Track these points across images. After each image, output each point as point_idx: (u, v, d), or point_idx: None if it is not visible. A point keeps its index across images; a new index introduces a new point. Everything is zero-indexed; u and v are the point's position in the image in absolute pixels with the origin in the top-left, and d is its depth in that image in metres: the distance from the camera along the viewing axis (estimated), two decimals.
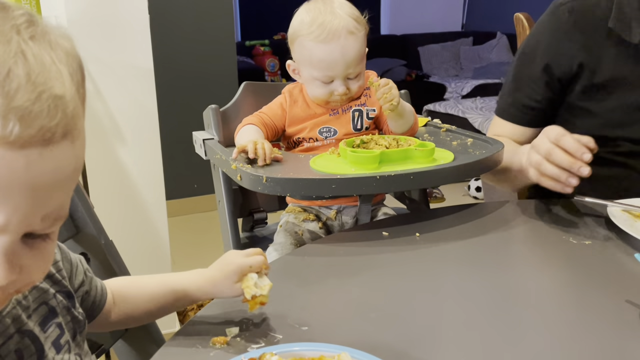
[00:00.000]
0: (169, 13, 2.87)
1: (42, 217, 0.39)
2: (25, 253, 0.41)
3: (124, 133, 1.67)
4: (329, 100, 1.11)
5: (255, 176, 0.88)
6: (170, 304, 0.66)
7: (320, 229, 1.13)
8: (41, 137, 0.36)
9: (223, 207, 1.19)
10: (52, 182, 0.38)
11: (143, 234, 1.75)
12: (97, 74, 1.59)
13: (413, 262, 0.80)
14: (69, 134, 0.38)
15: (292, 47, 1.11)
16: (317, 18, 1.04)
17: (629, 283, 0.72)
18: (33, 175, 0.37)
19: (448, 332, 0.63)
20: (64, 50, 0.40)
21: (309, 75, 1.09)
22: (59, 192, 0.40)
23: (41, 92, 0.36)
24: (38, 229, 0.40)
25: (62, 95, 0.37)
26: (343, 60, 1.04)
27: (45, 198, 0.39)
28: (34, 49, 0.37)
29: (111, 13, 1.58)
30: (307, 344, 0.54)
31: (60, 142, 0.38)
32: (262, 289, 0.61)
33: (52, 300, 0.55)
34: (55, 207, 0.40)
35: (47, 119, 0.36)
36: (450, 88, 4.68)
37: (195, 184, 3.09)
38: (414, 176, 0.88)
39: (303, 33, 1.06)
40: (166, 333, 0.90)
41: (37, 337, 0.52)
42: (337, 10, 1.05)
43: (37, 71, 0.36)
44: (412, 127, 1.13)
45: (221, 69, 3.07)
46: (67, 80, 0.39)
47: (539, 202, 1.03)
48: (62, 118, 0.37)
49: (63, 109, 0.37)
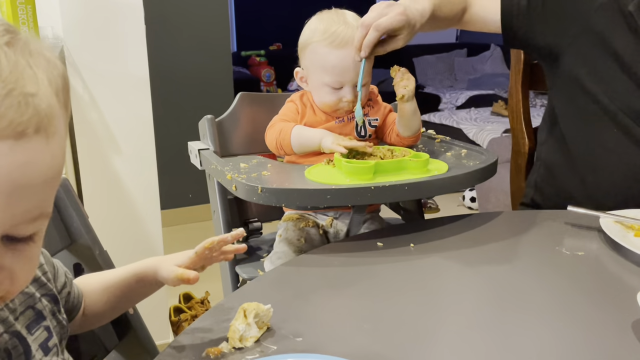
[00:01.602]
0: (165, 23, 2.88)
1: (20, 214, 0.39)
2: (6, 254, 0.41)
3: (119, 143, 1.67)
4: (337, 107, 1.12)
5: (250, 186, 0.88)
6: (134, 289, 0.69)
7: (320, 235, 1.14)
8: (12, 130, 0.37)
9: (218, 217, 1.19)
10: (24, 177, 0.38)
11: (137, 243, 1.75)
12: (93, 84, 1.59)
13: (407, 272, 0.80)
14: (42, 131, 0.39)
15: (303, 54, 1.13)
16: (330, 26, 1.08)
17: (622, 294, 0.72)
18: (4, 169, 0.37)
19: (442, 342, 0.63)
20: (45, 58, 0.41)
21: (319, 81, 1.11)
22: (37, 190, 0.40)
23: (11, 89, 0.37)
24: (18, 228, 0.40)
25: (33, 93, 0.39)
26: (355, 66, 1.07)
27: (20, 194, 0.39)
28: (7, 52, 0.38)
29: (107, 23, 1.58)
30: (301, 354, 0.54)
31: (33, 137, 0.38)
32: (247, 340, 0.60)
33: (38, 304, 0.56)
34: (33, 205, 0.40)
35: (18, 113, 0.37)
36: (445, 99, 4.71)
37: (190, 194, 3.09)
38: (409, 187, 0.89)
39: (316, 40, 1.09)
40: (160, 344, 0.90)
41: (24, 338, 0.52)
42: (350, 21, 1.09)
43: (8, 71, 0.38)
44: (418, 133, 1.15)
45: (217, 79, 3.07)
46: (43, 83, 0.40)
47: (532, 213, 1.04)
48: (33, 114, 0.38)
49: (34, 105, 0.38)
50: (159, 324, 1.74)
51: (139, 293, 0.71)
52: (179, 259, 0.67)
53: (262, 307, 0.62)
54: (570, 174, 1.13)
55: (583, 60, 1.07)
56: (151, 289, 0.71)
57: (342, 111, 1.13)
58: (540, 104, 4.11)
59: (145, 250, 1.76)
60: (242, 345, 0.60)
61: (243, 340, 0.60)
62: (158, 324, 1.68)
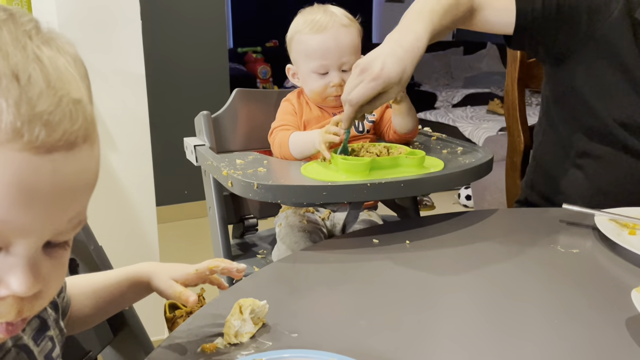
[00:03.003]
0: (161, 18, 2.87)
1: (65, 222, 0.39)
2: (45, 262, 0.40)
3: (115, 138, 1.66)
4: (325, 94, 1.13)
5: (246, 182, 0.88)
6: (125, 294, 0.67)
7: (321, 222, 1.15)
8: (65, 141, 0.36)
9: (214, 214, 1.18)
10: (75, 186, 0.38)
11: (133, 240, 1.74)
12: None
13: (403, 269, 0.80)
14: (89, 138, 0.39)
15: (290, 49, 1.16)
16: (309, 16, 1.12)
17: (616, 292, 0.72)
18: (58, 180, 0.37)
19: (438, 339, 0.63)
20: (72, 55, 0.40)
21: (306, 70, 1.13)
22: (81, 196, 0.40)
23: (61, 96, 0.36)
24: (61, 235, 0.40)
25: (80, 99, 0.38)
26: (337, 48, 1.09)
27: (69, 202, 0.39)
28: (47, 53, 0.37)
29: (103, 18, 1.58)
30: (297, 350, 0.54)
31: (82, 145, 0.38)
32: (242, 336, 0.60)
33: (44, 313, 0.55)
34: (77, 212, 0.40)
35: (70, 123, 0.36)
36: (441, 97, 4.71)
37: (185, 191, 3.08)
38: (405, 184, 0.89)
39: (298, 30, 1.12)
40: (155, 340, 0.90)
41: (31, 351, 0.51)
42: (330, 9, 1.13)
43: (55, 76, 0.36)
44: (415, 129, 1.16)
45: (213, 75, 3.07)
46: (81, 84, 0.39)
47: (527, 211, 1.04)
48: (82, 122, 0.38)
49: (83, 112, 0.38)
50: (153, 320, 1.74)
51: (129, 298, 0.69)
52: (176, 272, 0.65)
53: (258, 303, 0.62)
54: (565, 175, 1.14)
55: (586, 70, 1.06)
56: (142, 295, 0.69)
57: (331, 98, 1.14)
58: (535, 102, 4.12)
59: (140, 247, 1.76)
60: (238, 341, 0.60)
61: (238, 336, 0.60)
62: (153, 320, 1.67)
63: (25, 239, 0.37)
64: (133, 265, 0.68)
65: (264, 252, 1.24)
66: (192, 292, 0.63)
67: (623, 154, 1.04)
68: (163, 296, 0.65)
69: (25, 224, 0.36)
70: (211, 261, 0.65)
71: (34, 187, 0.36)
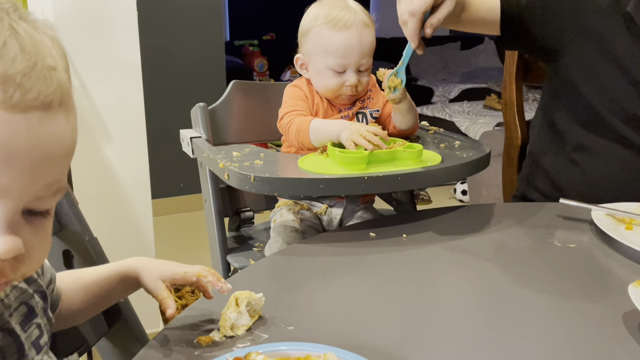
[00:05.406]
0: (157, 10, 2.85)
1: (43, 187, 0.40)
2: (25, 228, 0.41)
3: (110, 130, 1.65)
4: (339, 92, 1.11)
5: (243, 175, 0.87)
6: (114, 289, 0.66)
7: (315, 219, 1.14)
8: (41, 101, 0.38)
9: (210, 206, 1.18)
10: (53, 151, 0.40)
11: (128, 232, 1.74)
12: (84, 70, 1.57)
13: (399, 262, 0.80)
14: (64, 104, 0.40)
15: (304, 40, 1.12)
16: (332, 11, 1.08)
17: (613, 286, 0.72)
18: (34, 140, 0.38)
19: (434, 332, 0.63)
20: (49, 36, 0.42)
21: (322, 65, 1.09)
22: (60, 163, 0.41)
23: (36, 62, 0.38)
24: (40, 201, 0.41)
25: (54, 67, 0.40)
26: (359, 48, 1.07)
27: (47, 166, 0.40)
28: (23, 26, 0.39)
29: (99, 9, 1.56)
30: (293, 343, 0.54)
31: (58, 110, 0.40)
32: (239, 329, 0.59)
33: (32, 300, 0.55)
34: (55, 178, 0.41)
35: (45, 85, 0.38)
36: (438, 92, 4.70)
37: (181, 183, 3.07)
38: (402, 177, 0.89)
39: (319, 23, 1.08)
40: (150, 332, 0.90)
41: (18, 335, 0.51)
42: (351, 6, 1.09)
43: (30, 44, 0.38)
44: (415, 125, 1.15)
45: (209, 68, 3.05)
46: (57, 58, 0.41)
47: (524, 205, 1.04)
48: (57, 87, 0.39)
49: (57, 79, 0.40)
50: (149, 312, 1.74)
51: (118, 293, 0.68)
52: (165, 271, 0.64)
53: (254, 296, 0.61)
54: (561, 170, 1.14)
55: (579, 63, 1.06)
56: (131, 290, 0.68)
57: (344, 96, 1.12)
58: (532, 98, 4.12)
59: (135, 239, 1.76)
60: (233, 334, 0.59)
61: (234, 329, 0.60)
62: (148, 312, 1.67)
63: (2, 199, 0.38)
64: (122, 261, 0.67)
65: (260, 245, 1.24)
66: (173, 303, 0.61)
67: (619, 146, 1.04)
68: (148, 293, 0.64)
69: (2, 184, 0.37)
70: (202, 269, 0.64)
71: (9, 145, 0.37)
